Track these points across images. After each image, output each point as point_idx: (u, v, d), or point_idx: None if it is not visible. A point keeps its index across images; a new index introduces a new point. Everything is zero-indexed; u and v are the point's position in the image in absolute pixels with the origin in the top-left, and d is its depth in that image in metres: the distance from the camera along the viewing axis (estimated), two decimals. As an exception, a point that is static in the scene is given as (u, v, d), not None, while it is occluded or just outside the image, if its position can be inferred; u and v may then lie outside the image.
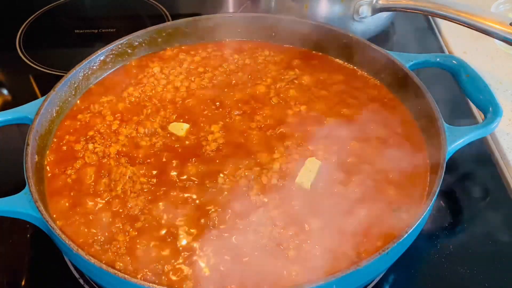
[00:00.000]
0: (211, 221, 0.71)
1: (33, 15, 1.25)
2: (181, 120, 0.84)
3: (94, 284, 0.75)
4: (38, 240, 0.79)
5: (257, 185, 0.74)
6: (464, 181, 0.88)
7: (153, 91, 0.90)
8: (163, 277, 0.66)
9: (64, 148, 0.81)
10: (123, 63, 0.95)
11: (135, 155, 0.80)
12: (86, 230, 0.70)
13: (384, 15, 1.09)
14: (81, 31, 1.21)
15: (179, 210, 0.72)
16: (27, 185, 0.71)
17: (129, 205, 0.73)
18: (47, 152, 0.80)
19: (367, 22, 1.07)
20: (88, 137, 0.82)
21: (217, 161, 0.78)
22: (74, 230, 0.70)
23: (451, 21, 0.92)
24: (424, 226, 0.70)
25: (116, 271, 0.63)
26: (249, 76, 0.92)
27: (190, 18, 0.98)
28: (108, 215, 0.72)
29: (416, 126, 0.83)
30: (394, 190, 0.74)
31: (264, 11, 1.12)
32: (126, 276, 0.62)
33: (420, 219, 0.66)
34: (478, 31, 0.89)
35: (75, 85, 0.88)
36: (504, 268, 0.76)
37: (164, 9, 1.25)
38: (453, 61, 0.88)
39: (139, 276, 0.65)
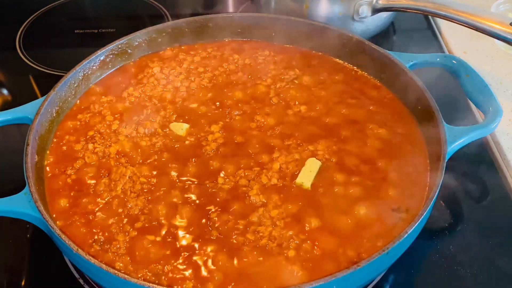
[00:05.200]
0: (211, 221, 0.71)
1: (33, 15, 1.25)
2: (181, 120, 0.84)
3: (94, 284, 0.75)
4: (38, 240, 0.79)
5: (257, 185, 0.74)
6: (464, 181, 0.87)
7: (153, 91, 0.90)
8: (163, 277, 0.66)
9: (64, 148, 0.81)
10: (123, 63, 0.95)
11: (135, 155, 0.79)
12: (86, 230, 0.70)
13: (384, 15, 1.09)
14: (81, 31, 1.21)
15: (179, 210, 0.72)
16: (27, 185, 0.71)
17: (129, 205, 0.73)
18: (47, 152, 0.80)
19: (367, 22, 1.07)
20: (88, 137, 0.82)
21: (217, 161, 0.78)
22: (74, 230, 0.70)
23: (451, 21, 0.92)
24: (424, 226, 0.69)
25: (116, 271, 0.63)
26: (249, 76, 0.92)
27: (190, 18, 0.98)
28: (108, 215, 0.72)
29: (416, 126, 0.83)
30: (394, 190, 0.74)
31: (264, 11, 1.12)
32: (126, 276, 0.62)
33: (420, 219, 0.66)
34: (478, 31, 0.89)
35: (75, 85, 0.88)
36: (504, 268, 0.76)
37: (164, 9, 1.25)
38: (453, 61, 0.88)
39: (139, 276, 0.65)
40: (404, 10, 1.00)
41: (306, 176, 0.75)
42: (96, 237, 0.70)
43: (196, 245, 0.69)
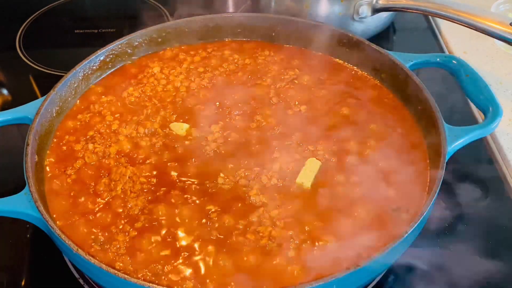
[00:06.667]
0: (211, 221, 0.71)
1: (33, 15, 1.25)
2: (181, 120, 0.84)
3: (94, 284, 0.75)
4: (38, 240, 0.79)
5: (257, 185, 0.74)
6: (464, 181, 0.87)
7: (153, 91, 0.90)
8: (163, 277, 0.66)
9: (64, 148, 0.81)
10: (123, 63, 0.95)
11: (135, 155, 0.80)
12: (86, 230, 0.70)
13: (384, 15, 1.09)
14: (81, 31, 1.21)
15: (179, 210, 0.72)
16: (27, 185, 0.71)
17: (129, 205, 0.73)
18: (47, 152, 0.80)
19: (367, 22, 1.07)
20: (88, 137, 0.82)
21: (217, 161, 0.78)
22: (74, 230, 0.70)
23: (451, 21, 0.92)
24: (424, 226, 0.70)
25: (116, 271, 0.63)
26: (249, 76, 0.92)
27: (190, 18, 0.98)
28: (108, 215, 0.72)
29: (416, 126, 0.83)
30: (394, 190, 0.74)
31: (264, 11, 1.12)
32: (126, 276, 0.62)
33: (420, 219, 0.66)
34: (478, 31, 0.89)
35: (75, 85, 0.88)
36: (504, 268, 0.76)
37: (164, 9, 1.25)
38: (453, 61, 0.88)
39: (139, 276, 0.65)
40: (404, 10, 1.00)
41: (306, 176, 0.75)
42: (96, 237, 0.70)
43: (196, 245, 0.69)
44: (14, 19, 1.24)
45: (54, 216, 0.72)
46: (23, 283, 0.76)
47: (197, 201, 0.73)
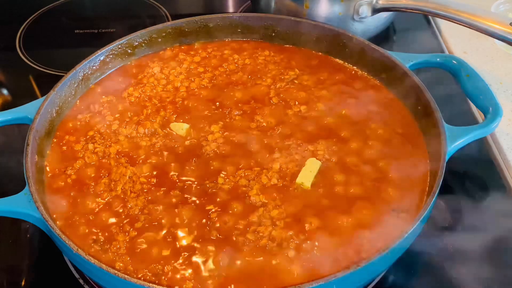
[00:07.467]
0: (211, 221, 0.71)
1: (33, 15, 1.25)
2: (181, 120, 0.84)
3: (94, 284, 0.75)
4: (38, 240, 0.79)
5: (257, 185, 0.74)
6: (464, 181, 0.87)
7: (153, 91, 0.90)
8: (163, 277, 0.66)
9: (64, 148, 0.81)
10: (123, 63, 0.95)
11: (135, 155, 0.80)
12: (86, 230, 0.70)
13: (384, 15, 1.09)
14: (81, 31, 1.21)
15: (179, 210, 0.72)
16: (27, 185, 0.71)
17: (129, 205, 0.73)
18: (47, 152, 0.80)
19: (367, 22, 1.07)
20: (88, 137, 0.82)
21: (217, 161, 0.78)
22: (74, 230, 0.71)
23: (451, 21, 0.92)
24: (424, 226, 0.69)
25: (116, 271, 0.63)
26: (249, 76, 0.92)
27: (190, 18, 0.98)
28: (108, 215, 0.72)
29: (416, 126, 0.83)
30: (394, 190, 0.74)
31: (264, 11, 1.12)
32: (126, 276, 0.62)
33: (420, 219, 0.66)
34: (478, 31, 0.89)
35: (75, 85, 0.88)
36: (504, 269, 0.75)
37: (164, 9, 1.25)
38: (453, 61, 0.88)
39: (139, 276, 0.65)
40: (404, 10, 1.00)
41: (306, 176, 0.75)
42: (96, 237, 0.70)
43: (196, 245, 0.69)
44: (14, 19, 1.24)
45: (54, 216, 0.72)
46: (23, 283, 0.76)
47: (197, 201, 0.73)
